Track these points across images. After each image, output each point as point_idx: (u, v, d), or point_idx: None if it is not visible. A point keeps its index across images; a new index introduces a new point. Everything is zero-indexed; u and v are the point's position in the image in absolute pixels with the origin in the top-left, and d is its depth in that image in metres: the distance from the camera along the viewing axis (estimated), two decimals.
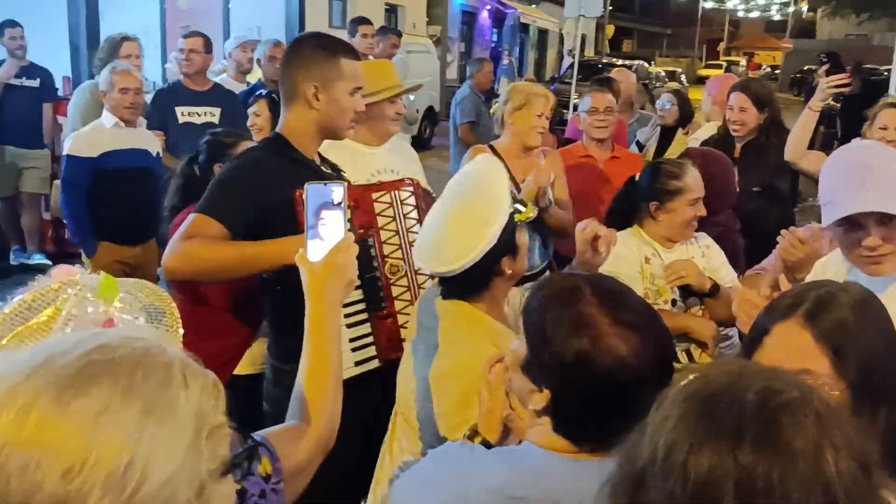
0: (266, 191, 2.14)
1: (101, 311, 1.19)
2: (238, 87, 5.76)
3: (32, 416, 0.79)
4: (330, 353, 1.59)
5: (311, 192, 1.62)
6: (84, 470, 0.78)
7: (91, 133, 4.27)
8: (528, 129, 3.52)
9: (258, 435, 1.40)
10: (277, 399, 2.39)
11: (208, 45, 5.37)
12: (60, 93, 7.23)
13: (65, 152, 4.28)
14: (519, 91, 3.66)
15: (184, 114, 5.17)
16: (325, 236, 1.61)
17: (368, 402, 2.41)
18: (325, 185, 1.63)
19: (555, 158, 3.71)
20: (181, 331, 1.31)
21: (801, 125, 3.80)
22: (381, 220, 2.24)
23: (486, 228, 1.90)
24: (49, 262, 6.69)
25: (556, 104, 3.74)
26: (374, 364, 2.28)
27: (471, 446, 1.40)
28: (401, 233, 2.24)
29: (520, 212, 2.02)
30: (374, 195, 2.26)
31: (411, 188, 2.27)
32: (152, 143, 4.52)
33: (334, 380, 1.59)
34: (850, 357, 1.27)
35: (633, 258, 2.82)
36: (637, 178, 3.03)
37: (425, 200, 2.32)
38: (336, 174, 2.43)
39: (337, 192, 1.62)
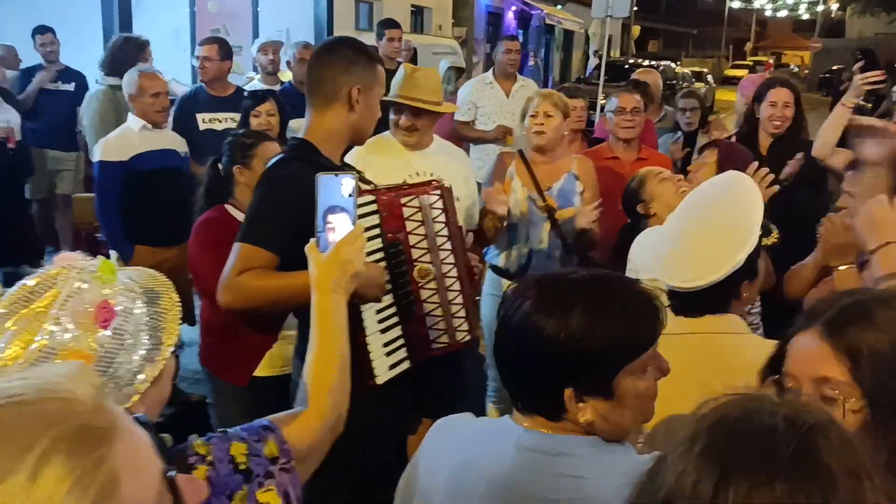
0: (301, 207, 2.10)
1: (98, 293, 1.22)
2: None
3: None
4: (335, 341, 1.63)
5: (322, 183, 1.65)
6: None
7: (120, 137, 4.30)
8: (528, 132, 3.66)
9: (265, 419, 1.45)
10: None
11: (224, 52, 5.26)
12: None
13: (96, 159, 4.32)
14: (527, 99, 3.77)
15: (205, 120, 5.19)
16: (335, 227, 1.64)
17: (400, 405, 2.44)
18: (336, 175, 1.65)
19: (584, 164, 3.71)
20: (179, 313, 1.33)
21: (833, 122, 3.77)
22: (409, 225, 2.25)
23: (736, 250, 1.85)
24: None
25: (565, 105, 3.72)
26: (406, 365, 2.31)
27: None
28: (429, 237, 2.26)
29: (766, 237, 1.98)
30: (403, 200, 2.26)
31: (439, 192, 2.27)
32: (180, 143, 4.56)
33: (340, 367, 1.63)
34: (867, 365, 1.22)
35: None
36: None
37: (452, 202, 2.33)
38: (362, 176, 2.42)
39: (347, 183, 1.64)
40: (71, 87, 6.70)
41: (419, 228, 2.23)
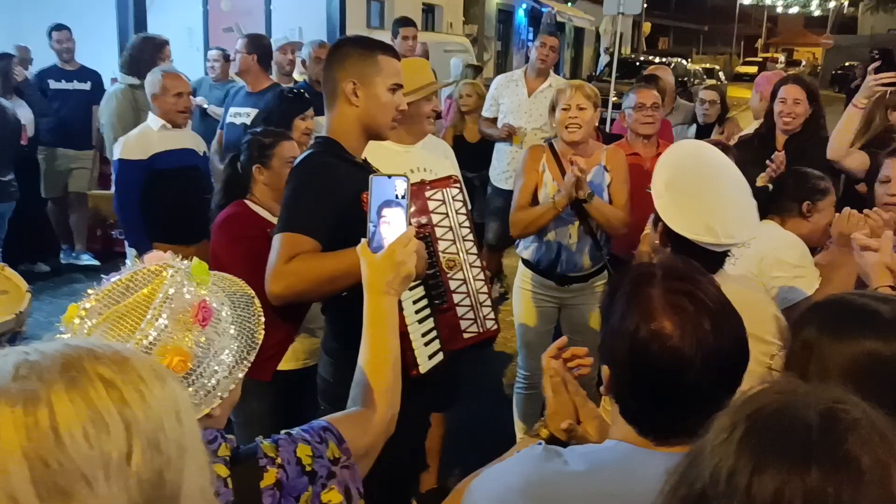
0: (337, 194, 2.18)
1: (196, 293, 1.24)
2: None
3: None
4: (389, 342, 1.64)
5: (375, 184, 1.65)
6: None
7: (140, 136, 4.31)
8: (560, 126, 3.60)
9: (323, 420, 1.46)
10: (340, 397, 2.42)
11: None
12: None
13: (116, 157, 4.34)
14: (556, 91, 3.73)
15: (232, 115, 5.25)
16: (387, 229, 1.64)
17: (418, 404, 2.45)
18: (389, 177, 1.65)
19: (616, 156, 3.67)
20: (262, 318, 1.35)
21: (846, 122, 3.76)
22: (435, 218, 2.29)
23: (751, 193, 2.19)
24: (97, 263, 6.86)
25: (597, 97, 3.70)
26: (440, 358, 2.32)
27: (556, 450, 1.37)
28: (454, 228, 2.30)
29: None
30: (427, 193, 2.31)
31: (458, 185, 2.34)
32: (199, 142, 4.58)
33: (393, 368, 1.64)
34: None
35: None
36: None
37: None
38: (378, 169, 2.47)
39: (400, 185, 1.65)
40: (87, 85, 6.75)
41: (444, 220, 2.28)
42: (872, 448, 0.81)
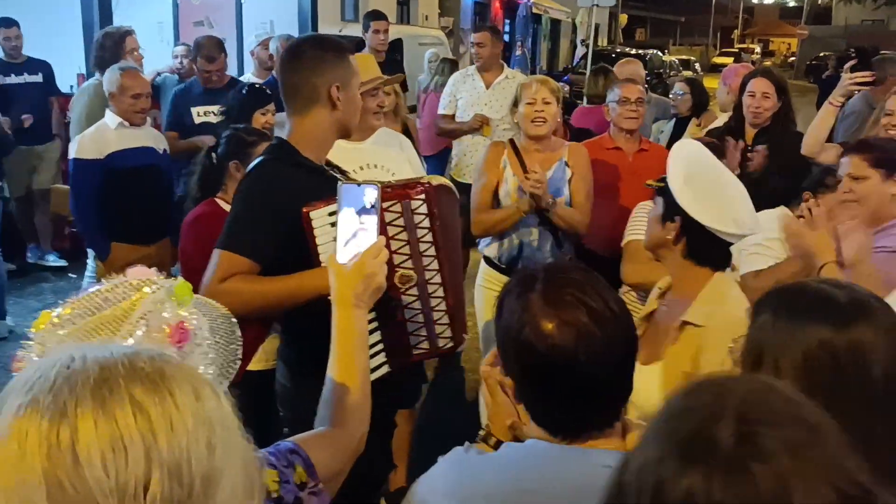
0: (289, 211, 2.10)
1: (175, 312, 1.20)
2: None
3: None
4: (358, 358, 1.58)
5: (344, 192, 1.60)
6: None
7: (96, 134, 4.22)
8: (525, 121, 3.57)
9: (290, 441, 1.40)
10: (297, 404, 2.38)
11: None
12: (75, 89, 7.25)
13: (71, 156, 4.25)
14: (519, 85, 3.71)
15: (199, 114, 5.19)
16: (357, 239, 1.59)
17: (382, 406, 2.40)
18: (359, 185, 1.60)
19: (578, 152, 3.66)
20: (241, 346, 1.30)
21: (821, 119, 3.80)
22: (391, 230, 2.14)
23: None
24: (64, 263, 6.75)
25: (560, 92, 3.71)
26: (384, 370, 2.26)
27: (477, 449, 1.42)
28: (412, 243, 2.16)
29: None
30: (385, 205, 2.15)
31: (423, 196, 2.15)
32: (158, 140, 4.49)
33: (362, 385, 1.58)
34: None
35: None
36: None
37: (440, 201, 2.21)
38: (342, 175, 2.40)
39: (370, 193, 1.59)
40: (38, 77, 6.53)
41: (401, 234, 2.14)
42: (775, 466, 0.78)
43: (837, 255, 2.48)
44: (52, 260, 6.78)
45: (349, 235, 1.59)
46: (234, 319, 1.33)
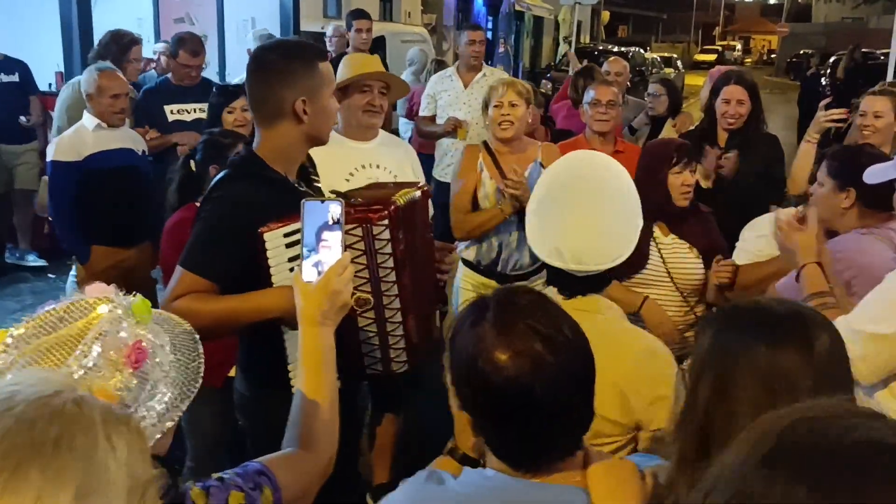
0: (243, 234, 2.07)
1: (133, 332, 1.17)
2: None
3: None
4: (325, 377, 1.56)
5: (308, 209, 1.58)
6: None
7: (74, 136, 4.16)
8: (493, 123, 3.61)
9: (258, 462, 1.38)
10: (254, 412, 2.39)
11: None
12: (53, 87, 7.16)
13: (49, 158, 4.19)
14: (488, 88, 3.73)
15: (173, 112, 5.12)
16: (321, 255, 1.57)
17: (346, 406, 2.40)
18: (323, 202, 1.59)
19: (550, 151, 3.67)
20: (202, 367, 1.27)
21: (801, 159, 3.94)
22: (351, 253, 2.03)
23: (637, 220, 2.09)
24: (44, 263, 6.67)
25: (530, 94, 3.73)
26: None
27: (439, 475, 1.38)
28: (371, 267, 2.12)
29: None
30: (346, 227, 2.15)
31: (386, 221, 2.10)
32: (137, 141, 4.43)
33: (330, 405, 1.56)
34: None
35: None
36: None
37: (406, 219, 2.18)
38: (311, 192, 2.32)
39: (334, 209, 1.58)
40: (15, 77, 6.42)
41: (360, 258, 2.10)
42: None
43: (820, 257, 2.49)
44: (32, 259, 6.70)
45: (313, 252, 1.56)
46: (197, 336, 1.30)
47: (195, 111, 5.07)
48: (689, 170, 2.98)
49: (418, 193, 2.32)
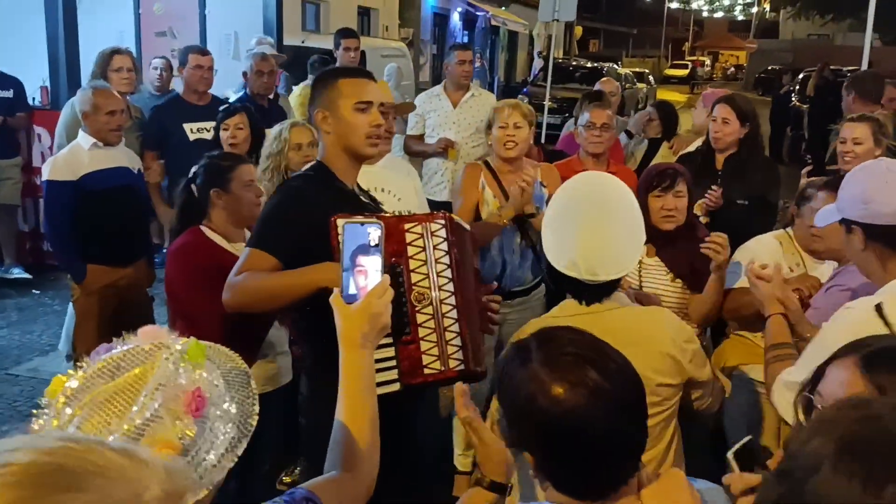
0: (309, 219, 2.30)
1: (191, 379, 1.16)
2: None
3: None
4: (366, 399, 1.57)
5: (348, 232, 1.60)
6: None
7: (69, 155, 4.15)
8: (498, 143, 3.72)
9: (303, 489, 1.40)
10: (317, 412, 2.39)
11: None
12: (38, 102, 7.14)
13: (44, 178, 4.18)
14: (492, 109, 3.84)
15: (193, 130, 5.13)
16: (361, 279, 1.59)
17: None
18: (363, 225, 1.60)
19: (550, 172, 3.78)
20: (257, 402, 1.26)
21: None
22: (411, 250, 2.28)
23: (641, 235, 2.27)
24: (28, 276, 6.63)
25: (533, 116, 3.82)
26: (395, 387, 2.29)
27: None
28: (429, 262, 2.28)
29: None
30: (406, 226, 2.31)
31: (443, 221, 2.33)
32: (133, 159, 4.42)
33: (371, 426, 1.57)
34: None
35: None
36: None
37: (457, 234, 2.35)
38: (373, 203, 2.61)
39: (374, 233, 1.59)
40: (9, 93, 6.44)
41: (420, 254, 2.28)
42: None
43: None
44: (17, 273, 6.65)
45: (351, 275, 1.58)
46: (248, 371, 1.30)
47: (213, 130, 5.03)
48: (671, 193, 3.08)
49: (468, 227, 2.54)
